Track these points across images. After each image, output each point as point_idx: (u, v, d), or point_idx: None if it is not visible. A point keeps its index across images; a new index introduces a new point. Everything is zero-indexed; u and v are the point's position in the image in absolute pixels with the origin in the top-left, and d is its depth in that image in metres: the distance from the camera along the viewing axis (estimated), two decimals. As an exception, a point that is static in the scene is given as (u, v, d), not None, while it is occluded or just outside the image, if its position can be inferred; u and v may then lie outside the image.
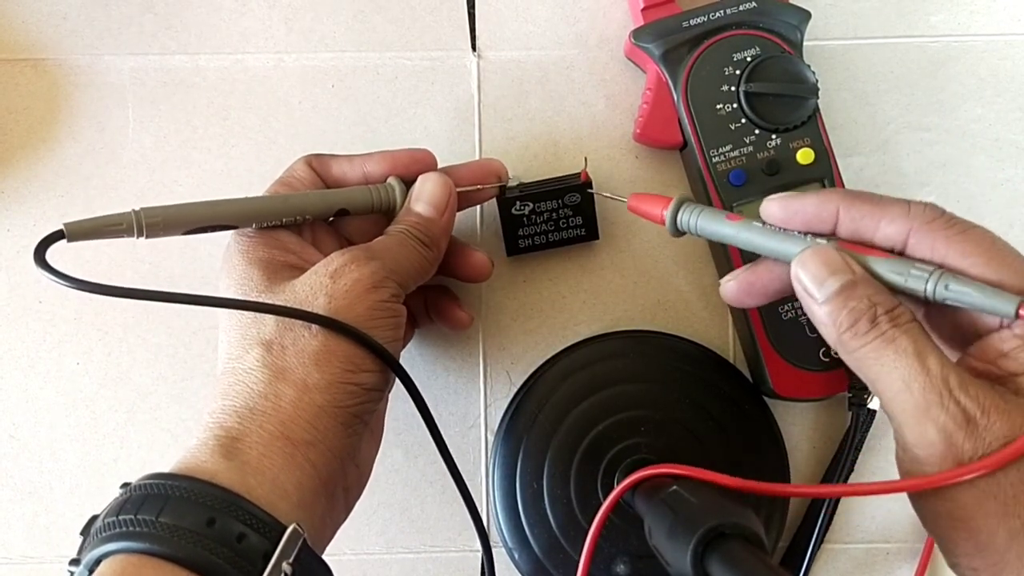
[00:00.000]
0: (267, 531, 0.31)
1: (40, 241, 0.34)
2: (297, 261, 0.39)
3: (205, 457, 0.33)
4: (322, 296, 0.36)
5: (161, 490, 0.32)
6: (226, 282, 0.38)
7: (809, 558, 0.46)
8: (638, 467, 0.44)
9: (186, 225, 0.37)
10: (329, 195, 0.41)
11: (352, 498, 0.40)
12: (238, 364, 0.36)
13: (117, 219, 0.36)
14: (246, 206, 0.39)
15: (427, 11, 0.49)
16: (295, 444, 0.34)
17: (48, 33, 0.48)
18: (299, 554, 0.32)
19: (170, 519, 0.31)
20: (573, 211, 0.46)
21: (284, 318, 0.36)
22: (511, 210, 0.45)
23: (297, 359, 0.35)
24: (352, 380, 0.35)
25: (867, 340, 0.33)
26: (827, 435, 0.48)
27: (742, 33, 0.44)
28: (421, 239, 0.40)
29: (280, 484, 0.33)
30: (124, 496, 0.32)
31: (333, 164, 0.42)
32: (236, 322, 0.37)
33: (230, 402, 0.35)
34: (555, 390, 0.46)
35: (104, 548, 0.31)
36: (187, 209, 0.38)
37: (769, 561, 0.30)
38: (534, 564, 0.45)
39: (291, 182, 0.41)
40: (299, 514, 0.33)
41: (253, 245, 0.39)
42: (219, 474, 0.32)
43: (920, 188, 0.48)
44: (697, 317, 0.48)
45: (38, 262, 0.34)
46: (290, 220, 0.40)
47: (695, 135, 0.45)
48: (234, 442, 0.34)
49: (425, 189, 0.41)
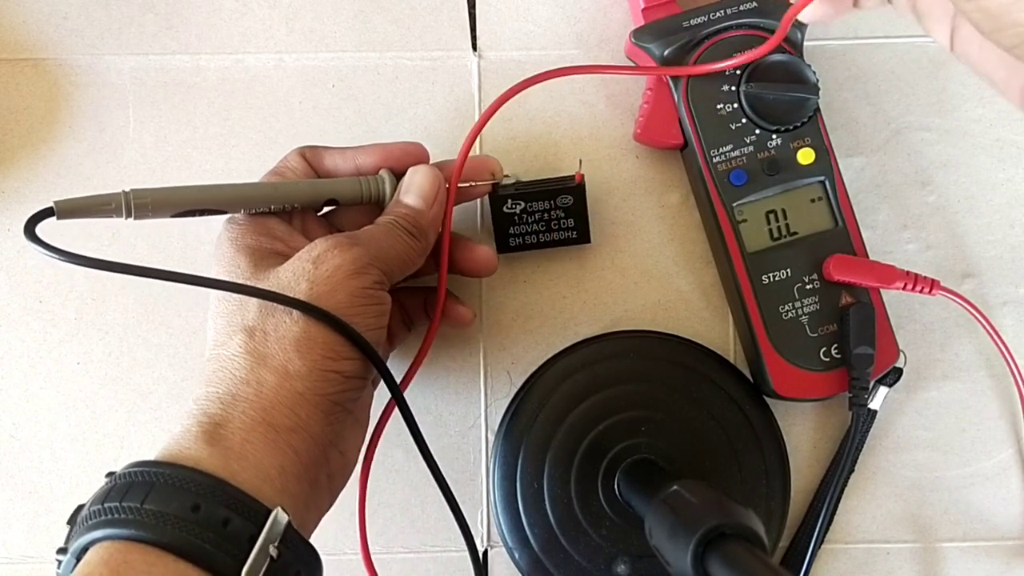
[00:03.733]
0: (252, 515, 0.32)
1: (30, 217, 0.35)
2: (284, 249, 0.39)
3: (189, 444, 0.33)
4: (304, 282, 0.36)
5: (146, 477, 0.32)
6: (216, 269, 0.39)
7: (809, 558, 0.46)
8: (638, 467, 0.44)
9: (175, 207, 0.38)
10: (319, 184, 0.41)
11: (337, 484, 0.40)
12: (222, 351, 0.36)
13: (106, 199, 0.37)
14: (235, 191, 0.39)
15: (427, 11, 0.49)
16: (277, 430, 0.34)
17: (48, 33, 0.48)
18: (285, 537, 0.32)
19: (155, 505, 0.31)
20: (565, 213, 0.45)
21: (267, 304, 0.36)
22: (503, 208, 0.45)
23: (278, 345, 0.35)
24: (332, 368, 0.36)
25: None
26: (827, 435, 0.48)
27: (743, 33, 0.44)
28: (408, 229, 0.40)
29: (264, 469, 0.33)
30: (109, 484, 0.33)
31: (326, 156, 0.43)
32: (222, 309, 0.37)
33: (213, 389, 0.35)
34: (555, 390, 0.46)
35: (91, 536, 0.31)
36: (176, 192, 0.38)
37: (769, 561, 0.30)
38: (534, 564, 0.45)
39: (284, 172, 0.42)
40: (283, 499, 0.33)
41: (242, 232, 0.39)
42: (203, 460, 0.33)
43: (921, 188, 0.48)
44: (697, 317, 0.48)
45: (28, 236, 0.35)
46: (279, 207, 0.40)
47: (695, 135, 0.45)
48: (217, 428, 0.34)
49: (414, 181, 0.41)
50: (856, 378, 0.44)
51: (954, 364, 0.48)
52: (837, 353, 0.45)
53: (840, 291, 0.45)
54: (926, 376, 0.48)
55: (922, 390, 0.48)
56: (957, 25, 0.37)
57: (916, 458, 0.48)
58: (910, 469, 0.48)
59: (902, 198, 0.48)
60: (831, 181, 0.45)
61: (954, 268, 0.48)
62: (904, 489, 0.48)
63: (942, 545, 0.48)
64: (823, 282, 0.45)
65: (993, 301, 0.48)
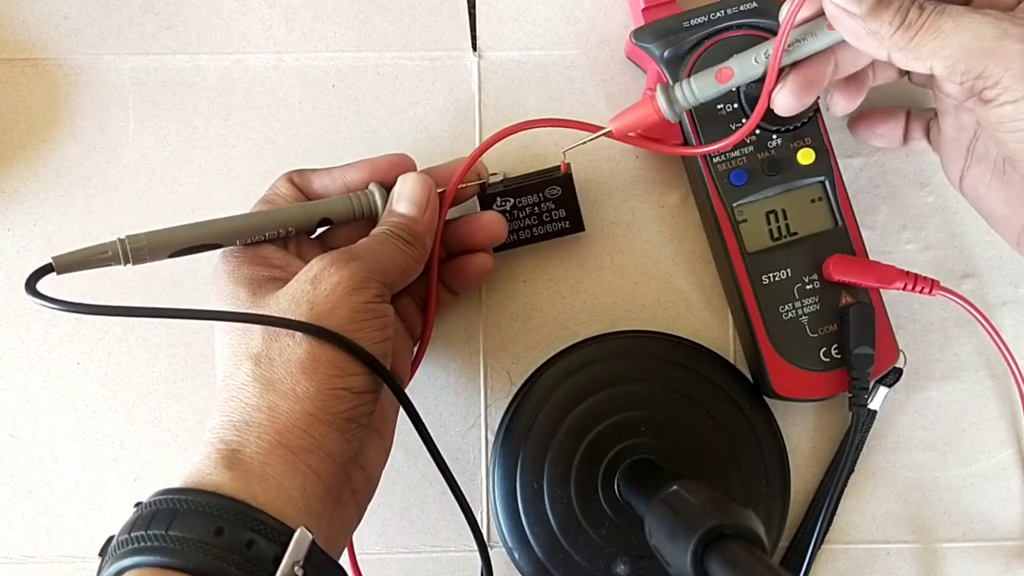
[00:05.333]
0: (275, 536, 0.32)
1: (31, 274, 0.36)
2: (282, 275, 0.39)
3: (209, 470, 0.34)
4: (304, 303, 0.36)
5: (169, 504, 0.32)
6: (215, 302, 0.39)
7: (809, 558, 0.46)
8: (638, 467, 0.44)
9: (171, 248, 0.39)
10: (310, 206, 0.41)
11: (362, 500, 0.40)
12: (231, 380, 0.36)
13: (103, 248, 0.37)
14: (228, 225, 0.40)
15: (427, 11, 0.49)
16: (294, 452, 0.34)
17: (48, 33, 0.48)
18: (310, 556, 0.32)
19: (180, 532, 0.31)
20: (555, 204, 0.46)
21: (271, 331, 0.36)
22: (492, 206, 0.45)
23: (285, 369, 0.35)
24: (340, 385, 0.36)
25: (920, 25, 0.35)
26: (827, 435, 0.48)
27: (743, 33, 0.44)
28: (404, 237, 0.40)
29: (285, 490, 0.33)
30: (136, 514, 0.33)
31: (314, 178, 0.43)
32: (228, 340, 0.37)
33: (227, 417, 0.35)
34: (555, 390, 0.46)
35: (120, 564, 0.32)
36: (171, 233, 0.39)
37: (769, 561, 0.30)
38: (534, 564, 0.45)
39: (274, 199, 0.42)
40: (306, 519, 0.33)
41: (238, 264, 0.39)
42: (224, 485, 0.33)
43: (920, 188, 0.48)
44: (697, 317, 0.48)
45: (29, 292, 0.36)
46: (273, 234, 0.40)
47: (696, 135, 0.45)
48: (235, 454, 0.34)
49: (405, 189, 0.41)
50: (856, 378, 0.44)
51: (954, 364, 0.48)
52: (837, 353, 0.45)
53: (840, 291, 0.45)
54: (926, 376, 0.48)
55: (922, 390, 0.48)
56: (967, 167, 0.42)
57: (916, 458, 0.48)
58: (910, 469, 0.48)
59: (902, 198, 0.48)
60: (831, 181, 0.45)
61: (954, 268, 0.48)
62: (904, 489, 0.48)
63: (942, 545, 0.48)
64: (823, 282, 0.45)
65: (993, 301, 0.48)
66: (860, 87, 0.42)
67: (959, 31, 0.34)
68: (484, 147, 0.43)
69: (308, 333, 0.35)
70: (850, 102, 0.42)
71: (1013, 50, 0.34)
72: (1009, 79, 0.34)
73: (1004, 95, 0.35)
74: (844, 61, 0.40)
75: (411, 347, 0.44)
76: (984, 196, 0.41)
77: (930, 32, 0.35)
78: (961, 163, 0.42)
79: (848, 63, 0.40)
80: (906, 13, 0.35)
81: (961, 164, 0.42)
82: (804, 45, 0.39)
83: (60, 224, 0.48)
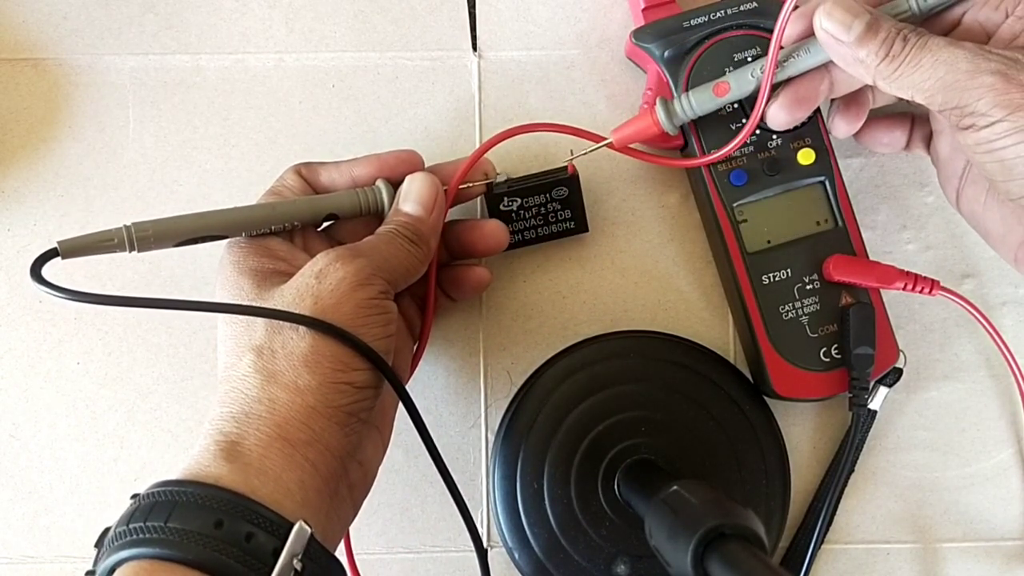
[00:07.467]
0: (274, 529, 0.32)
1: (35, 259, 0.36)
2: (287, 268, 0.39)
3: (208, 462, 0.34)
4: (308, 297, 0.36)
5: (168, 496, 0.32)
6: (219, 293, 0.39)
7: (809, 558, 0.46)
8: (638, 467, 0.44)
9: (176, 237, 0.39)
10: (317, 200, 0.41)
11: (358, 495, 0.40)
12: (232, 371, 0.36)
13: (108, 235, 0.37)
14: (235, 216, 0.40)
15: (427, 11, 0.49)
16: (293, 444, 0.34)
17: (48, 33, 0.48)
18: (308, 550, 0.32)
19: (179, 523, 0.31)
20: (561, 204, 0.46)
21: (274, 323, 0.36)
22: (499, 206, 0.45)
23: (287, 362, 0.35)
24: (342, 380, 0.36)
25: (904, 56, 0.37)
26: (827, 435, 0.48)
27: (743, 33, 0.44)
28: (409, 237, 0.40)
29: (283, 483, 0.33)
30: (133, 506, 0.33)
31: (322, 172, 0.43)
32: (230, 332, 0.37)
33: (227, 409, 0.35)
34: (555, 390, 0.46)
35: (118, 556, 0.31)
36: (176, 222, 0.39)
37: (769, 561, 0.30)
38: (534, 564, 0.45)
39: (281, 191, 0.42)
40: (305, 512, 0.33)
41: (244, 255, 0.39)
42: (223, 477, 0.33)
43: (920, 188, 0.48)
44: (697, 317, 0.48)
45: (34, 278, 0.35)
46: (279, 227, 0.40)
47: (696, 135, 0.45)
48: (234, 446, 0.34)
49: (412, 188, 0.41)
50: (856, 378, 0.44)
51: (954, 364, 0.48)
52: (837, 353, 0.45)
53: (840, 291, 0.45)
54: (926, 376, 0.48)
55: (922, 390, 0.48)
56: (963, 186, 0.43)
57: (916, 458, 0.48)
58: (910, 469, 0.48)
59: (902, 198, 0.48)
60: (831, 181, 0.45)
61: (954, 268, 0.48)
62: (904, 489, 0.48)
63: (942, 545, 0.48)
64: (823, 282, 0.45)
65: (993, 301, 0.48)
66: (860, 110, 0.43)
67: (936, 65, 0.36)
68: (484, 148, 0.43)
69: (312, 327, 0.35)
70: (851, 125, 0.43)
71: (986, 83, 0.35)
72: (983, 107, 0.35)
73: (979, 121, 0.36)
74: (839, 81, 0.41)
75: (411, 346, 0.44)
76: (980, 215, 0.42)
77: (912, 65, 0.37)
78: (957, 183, 0.43)
79: (843, 83, 0.41)
80: (891, 45, 0.37)
81: (957, 184, 0.43)
82: (798, 61, 0.40)
83: (60, 224, 0.48)
